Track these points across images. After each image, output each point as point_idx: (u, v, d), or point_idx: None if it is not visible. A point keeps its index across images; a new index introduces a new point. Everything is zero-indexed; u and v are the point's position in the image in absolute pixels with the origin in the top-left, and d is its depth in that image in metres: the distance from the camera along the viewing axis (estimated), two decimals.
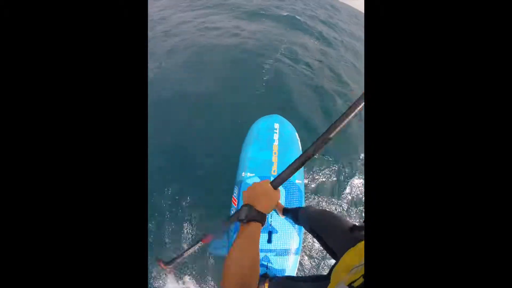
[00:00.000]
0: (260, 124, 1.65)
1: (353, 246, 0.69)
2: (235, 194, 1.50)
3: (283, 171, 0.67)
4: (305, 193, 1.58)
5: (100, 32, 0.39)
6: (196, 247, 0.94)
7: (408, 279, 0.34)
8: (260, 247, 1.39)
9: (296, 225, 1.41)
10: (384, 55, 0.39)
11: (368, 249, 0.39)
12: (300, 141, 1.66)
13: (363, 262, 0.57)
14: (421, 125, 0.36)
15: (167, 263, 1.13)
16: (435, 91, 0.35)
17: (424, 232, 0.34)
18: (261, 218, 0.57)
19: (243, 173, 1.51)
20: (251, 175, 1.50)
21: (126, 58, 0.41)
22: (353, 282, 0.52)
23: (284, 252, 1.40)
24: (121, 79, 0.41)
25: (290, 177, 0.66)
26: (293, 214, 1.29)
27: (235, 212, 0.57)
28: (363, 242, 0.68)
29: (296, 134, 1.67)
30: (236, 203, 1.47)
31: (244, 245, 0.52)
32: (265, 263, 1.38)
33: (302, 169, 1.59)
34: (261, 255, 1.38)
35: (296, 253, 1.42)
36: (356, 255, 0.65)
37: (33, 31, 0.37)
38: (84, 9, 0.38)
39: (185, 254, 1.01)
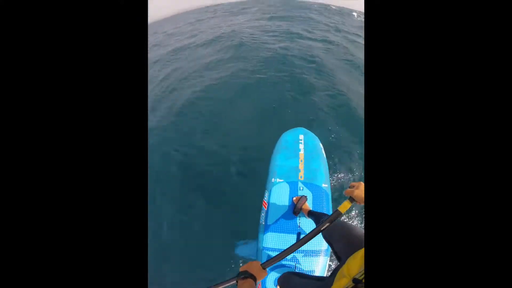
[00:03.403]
0: (287, 136, 1.86)
1: (353, 253, 0.75)
2: (265, 198, 1.66)
3: (274, 256, 0.84)
4: (331, 196, 1.67)
5: (100, 32, 0.39)
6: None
7: (407, 280, 0.34)
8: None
9: None
10: (384, 56, 0.39)
11: (368, 249, 0.39)
12: (324, 149, 1.81)
13: (362, 269, 0.62)
14: (421, 125, 0.36)
15: None
16: (435, 91, 0.35)
17: (423, 233, 0.34)
18: (253, 278, 0.79)
19: (273, 178, 1.69)
20: (280, 180, 1.67)
21: (126, 58, 0.41)
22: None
23: (313, 253, 1.46)
24: (121, 80, 0.41)
25: (277, 261, 0.84)
26: (316, 219, 1.38)
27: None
28: (362, 250, 0.73)
29: (320, 144, 1.82)
30: (266, 206, 1.63)
31: None
32: (293, 263, 1.45)
33: (328, 172, 1.71)
34: (290, 255, 1.46)
35: (326, 255, 1.46)
36: (356, 263, 0.70)
37: (34, 34, 0.36)
38: (84, 9, 0.38)
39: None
